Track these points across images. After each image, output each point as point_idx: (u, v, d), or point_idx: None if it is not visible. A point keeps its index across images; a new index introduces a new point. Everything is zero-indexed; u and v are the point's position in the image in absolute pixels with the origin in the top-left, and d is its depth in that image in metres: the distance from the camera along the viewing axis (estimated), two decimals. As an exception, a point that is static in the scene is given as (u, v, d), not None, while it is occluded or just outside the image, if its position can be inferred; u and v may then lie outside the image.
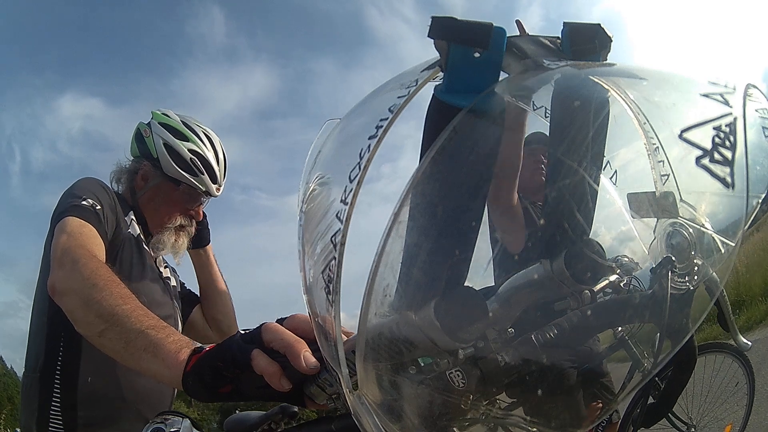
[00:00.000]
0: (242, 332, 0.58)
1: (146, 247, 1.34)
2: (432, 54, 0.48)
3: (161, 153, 1.36)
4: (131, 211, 1.33)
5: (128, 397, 1.17)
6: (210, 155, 1.39)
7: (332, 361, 0.45)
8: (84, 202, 1.13)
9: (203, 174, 1.38)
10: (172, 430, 0.58)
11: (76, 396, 1.15)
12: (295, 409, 0.71)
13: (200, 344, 0.64)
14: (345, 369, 0.43)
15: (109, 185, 1.34)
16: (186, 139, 1.38)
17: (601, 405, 0.52)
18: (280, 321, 0.58)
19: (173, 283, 1.48)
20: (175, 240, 1.38)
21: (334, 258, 0.43)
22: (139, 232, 1.32)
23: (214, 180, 1.40)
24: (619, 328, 0.54)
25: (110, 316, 0.77)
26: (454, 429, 0.52)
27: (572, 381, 0.53)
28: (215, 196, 1.44)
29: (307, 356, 0.52)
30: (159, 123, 1.39)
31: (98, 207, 1.15)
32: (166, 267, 1.47)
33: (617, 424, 1.90)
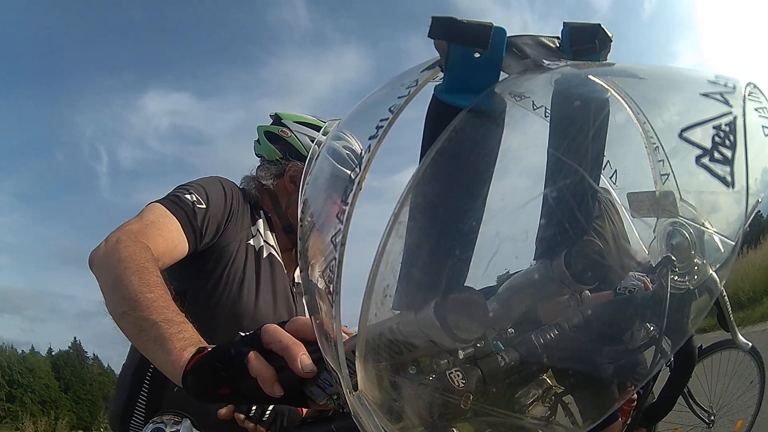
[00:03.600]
0: (243, 335, 0.58)
1: (277, 257, 1.24)
2: None
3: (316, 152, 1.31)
4: (261, 220, 1.24)
5: (212, 410, 1.14)
6: (356, 147, 1.36)
7: (332, 362, 0.45)
8: (186, 196, 1.08)
9: (358, 167, 1.35)
10: (172, 430, 0.58)
11: (162, 399, 1.11)
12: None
13: (206, 345, 0.63)
14: (345, 369, 0.43)
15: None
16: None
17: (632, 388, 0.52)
18: (282, 324, 0.58)
19: None
20: None
21: (334, 258, 0.43)
22: (267, 241, 1.23)
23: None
24: (651, 327, 0.53)
25: (133, 301, 0.77)
26: (454, 429, 0.52)
27: (606, 376, 0.53)
28: None
29: (303, 359, 0.52)
30: (294, 122, 1.32)
31: (201, 206, 1.09)
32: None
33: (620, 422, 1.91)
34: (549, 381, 0.53)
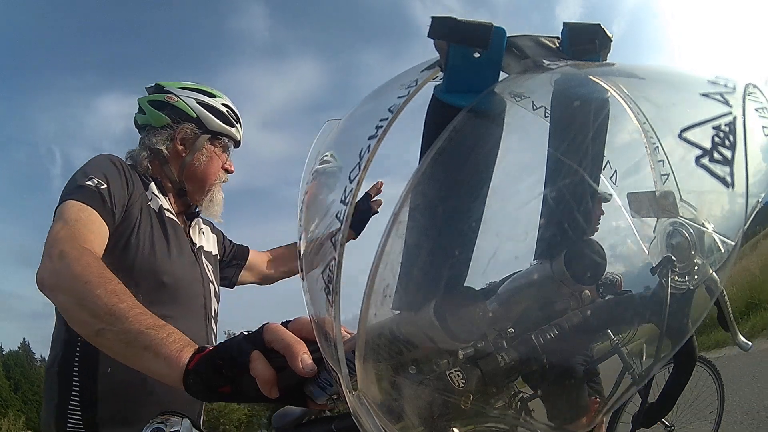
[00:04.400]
0: (245, 333, 0.59)
1: (175, 219, 1.30)
2: None
3: (200, 111, 1.36)
4: (152, 183, 1.29)
5: (155, 390, 1.12)
6: (232, 104, 1.43)
7: (332, 361, 0.45)
8: (89, 182, 1.09)
9: (238, 123, 1.41)
10: (172, 430, 0.59)
11: (96, 390, 1.11)
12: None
13: (202, 345, 0.64)
14: (345, 369, 0.43)
15: (127, 158, 1.31)
16: (213, 95, 1.39)
17: (597, 401, 0.53)
18: (285, 324, 0.59)
19: (209, 248, 1.43)
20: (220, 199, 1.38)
21: (334, 258, 0.43)
22: (162, 204, 1.28)
23: (240, 127, 1.43)
24: (614, 337, 0.54)
25: (107, 315, 0.75)
26: (454, 429, 0.52)
27: (578, 376, 0.53)
28: (238, 147, 1.45)
29: (304, 358, 0.52)
30: (179, 88, 1.38)
31: (104, 186, 1.11)
32: (201, 231, 1.44)
33: (602, 425, 1.91)
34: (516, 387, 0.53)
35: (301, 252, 0.52)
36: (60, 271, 0.88)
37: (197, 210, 1.40)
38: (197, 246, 1.37)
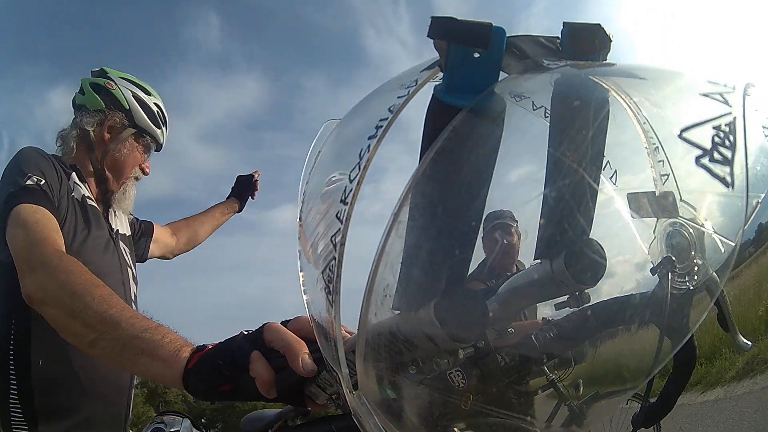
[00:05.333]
0: (245, 332, 0.59)
1: (96, 206, 1.31)
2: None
3: (132, 104, 1.37)
4: (73, 173, 1.29)
5: (86, 384, 1.14)
6: (163, 107, 1.44)
7: (332, 361, 0.45)
8: (29, 182, 1.09)
9: (164, 126, 1.43)
10: (172, 430, 0.59)
11: (30, 383, 1.12)
12: (308, 409, 0.71)
13: (201, 344, 0.64)
14: (345, 369, 0.43)
15: (46, 149, 1.29)
16: (149, 93, 1.42)
17: None
18: (284, 323, 0.59)
19: (123, 230, 1.44)
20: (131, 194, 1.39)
21: (334, 258, 0.43)
22: (84, 193, 1.29)
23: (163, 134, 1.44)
24: (551, 373, 0.55)
25: (99, 324, 0.75)
26: (455, 429, 0.52)
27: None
28: (159, 150, 1.47)
29: (305, 358, 0.52)
30: (120, 77, 1.41)
31: (43, 182, 1.11)
32: (115, 213, 1.45)
33: None
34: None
35: (301, 251, 0.52)
36: (45, 284, 0.88)
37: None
38: (115, 230, 1.39)
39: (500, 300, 0.52)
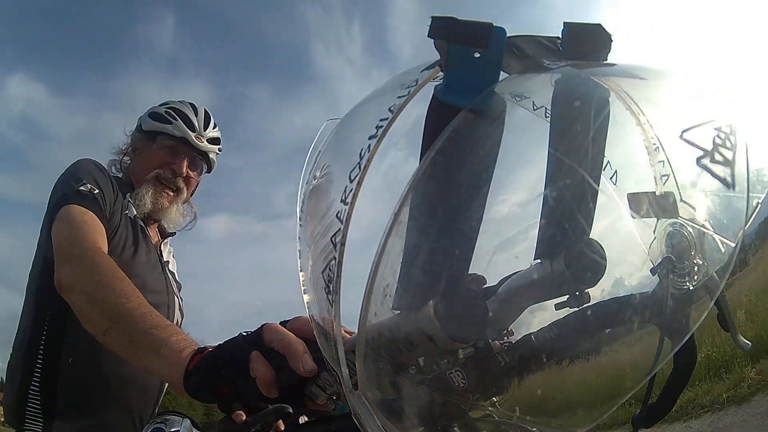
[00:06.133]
0: (244, 333, 0.59)
1: (146, 229, 1.33)
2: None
3: (144, 118, 1.41)
4: (129, 193, 1.33)
5: (113, 385, 1.15)
6: (187, 109, 1.42)
7: (332, 361, 0.45)
8: (83, 188, 1.13)
9: (177, 120, 1.39)
10: (172, 429, 0.59)
11: (56, 378, 1.13)
12: (290, 410, 0.71)
13: (203, 345, 0.64)
14: (345, 369, 0.43)
15: (107, 168, 1.35)
16: (167, 104, 1.43)
17: None
18: (283, 323, 0.59)
19: (173, 268, 1.45)
20: (156, 198, 1.35)
21: (334, 258, 0.43)
22: (135, 213, 1.32)
23: (191, 128, 1.39)
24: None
25: (114, 315, 0.77)
26: (455, 429, 0.52)
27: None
28: (198, 147, 1.42)
29: (305, 358, 0.52)
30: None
31: (96, 191, 1.15)
32: (171, 253, 1.47)
33: None
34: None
35: (301, 251, 0.52)
36: (75, 271, 0.92)
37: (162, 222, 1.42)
38: (165, 260, 1.40)
39: (500, 300, 0.52)
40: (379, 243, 0.42)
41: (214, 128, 1.46)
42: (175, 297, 1.38)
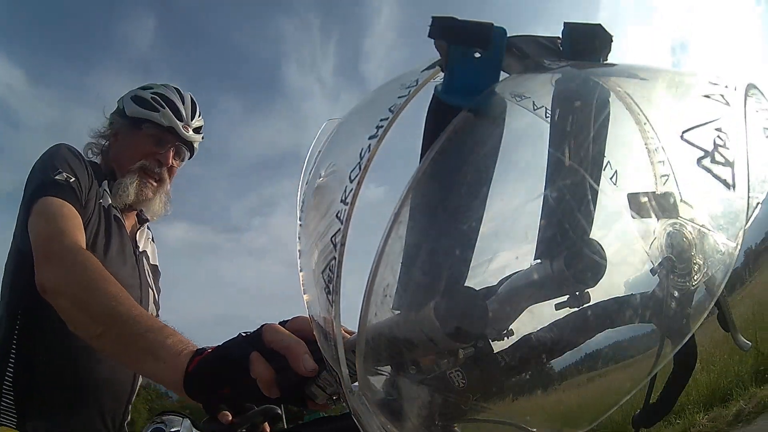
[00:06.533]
0: (243, 334, 0.59)
1: (120, 218, 1.29)
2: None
3: (126, 101, 1.35)
4: (105, 181, 1.29)
5: (86, 383, 1.13)
6: (174, 96, 1.36)
7: (332, 361, 0.45)
8: (58, 177, 1.10)
9: (164, 108, 1.33)
10: (172, 430, 0.59)
11: (32, 375, 1.11)
12: (278, 411, 0.70)
13: (201, 346, 0.64)
14: (345, 369, 0.43)
15: (83, 153, 1.31)
16: (147, 88, 1.38)
17: None
18: (282, 323, 0.59)
19: (153, 260, 1.41)
20: (140, 188, 1.31)
21: (334, 258, 0.43)
22: (111, 202, 1.28)
23: (179, 117, 1.34)
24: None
25: (106, 318, 0.75)
26: (455, 429, 0.52)
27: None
28: (184, 137, 1.36)
29: (306, 358, 0.52)
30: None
31: (73, 179, 1.11)
32: (149, 240, 1.41)
33: None
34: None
35: (301, 251, 0.52)
36: (58, 275, 0.89)
37: (141, 210, 1.38)
38: (141, 250, 1.35)
39: (500, 300, 0.52)
40: (379, 243, 0.42)
41: (199, 116, 1.42)
42: (150, 290, 1.34)
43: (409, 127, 0.51)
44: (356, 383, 0.44)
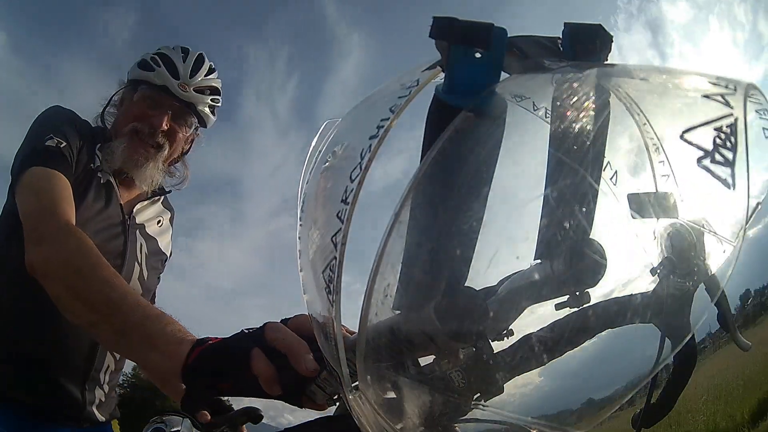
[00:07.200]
0: (246, 330, 0.58)
1: (112, 182, 1.22)
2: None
3: (132, 66, 1.29)
4: (99, 144, 1.23)
5: (50, 358, 1.09)
6: (174, 54, 1.26)
7: (332, 361, 0.45)
8: (50, 142, 1.05)
9: (159, 67, 1.24)
10: (172, 430, 0.59)
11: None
12: (261, 412, 0.69)
13: (202, 337, 0.63)
14: (345, 369, 0.43)
15: (90, 121, 1.25)
16: (159, 49, 1.29)
17: None
18: (284, 321, 0.58)
19: (157, 240, 1.32)
20: (129, 153, 1.21)
21: (335, 258, 0.43)
22: (104, 169, 1.22)
23: (174, 75, 1.24)
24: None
25: (101, 306, 0.73)
26: (455, 429, 0.52)
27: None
28: (180, 97, 1.25)
29: (307, 358, 0.52)
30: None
31: (63, 144, 1.07)
32: (158, 218, 1.32)
33: None
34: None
35: (301, 251, 0.52)
36: (50, 258, 0.85)
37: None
38: (135, 221, 1.27)
39: (500, 300, 0.52)
40: (379, 243, 0.42)
41: (207, 75, 1.28)
42: (136, 264, 1.24)
43: (409, 127, 0.51)
44: (356, 383, 0.44)
